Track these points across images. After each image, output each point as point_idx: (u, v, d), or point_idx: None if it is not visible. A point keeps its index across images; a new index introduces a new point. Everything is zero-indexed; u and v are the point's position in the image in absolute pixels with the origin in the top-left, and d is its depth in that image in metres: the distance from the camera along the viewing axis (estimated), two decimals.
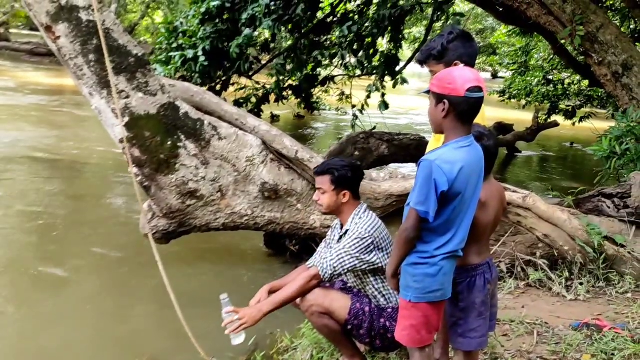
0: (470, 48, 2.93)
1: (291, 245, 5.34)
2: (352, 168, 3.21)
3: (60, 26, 3.86)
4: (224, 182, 4.40)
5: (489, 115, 3.54)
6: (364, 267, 2.98)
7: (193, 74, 7.47)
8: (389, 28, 8.43)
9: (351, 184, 3.17)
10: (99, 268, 5.17)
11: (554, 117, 13.57)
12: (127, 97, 4.04)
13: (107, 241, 5.76)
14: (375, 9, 8.42)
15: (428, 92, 2.38)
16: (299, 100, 10.91)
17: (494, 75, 35.43)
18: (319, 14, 9.28)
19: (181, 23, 7.84)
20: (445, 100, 2.27)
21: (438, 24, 12.16)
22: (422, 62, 3.02)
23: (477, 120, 2.58)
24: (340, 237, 3.13)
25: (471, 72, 2.33)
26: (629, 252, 4.32)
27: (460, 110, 2.27)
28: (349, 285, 3.22)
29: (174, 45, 7.63)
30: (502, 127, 11.94)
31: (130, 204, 6.82)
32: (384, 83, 8.26)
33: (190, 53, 7.40)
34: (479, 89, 2.26)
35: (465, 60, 2.84)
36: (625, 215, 4.71)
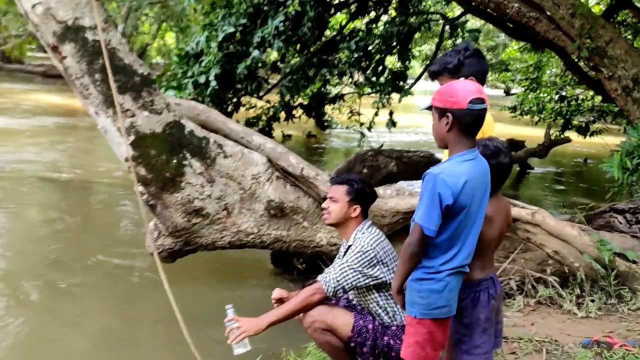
0: (483, 66, 2.96)
1: (298, 264, 5.31)
2: (369, 186, 3.27)
3: (66, 46, 3.91)
4: (230, 200, 4.40)
5: (501, 132, 3.53)
6: (367, 281, 2.95)
7: (205, 98, 7.54)
8: (397, 45, 8.46)
9: (364, 200, 3.18)
10: (106, 288, 5.17)
11: (567, 133, 13.46)
12: (133, 115, 4.07)
13: (115, 260, 5.77)
14: (383, 26, 8.47)
15: (430, 107, 2.36)
16: (310, 118, 10.95)
17: (507, 92, 35.32)
18: (327, 33, 9.35)
19: (192, 49, 7.93)
20: (449, 114, 2.25)
21: (449, 41, 12.20)
22: (435, 74, 3.01)
23: (487, 134, 2.57)
24: (345, 252, 3.11)
25: (472, 84, 2.31)
26: None
27: (463, 123, 2.25)
28: (353, 302, 3.18)
29: (188, 72, 7.72)
30: (514, 144, 11.84)
31: (137, 222, 6.83)
32: (390, 100, 8.28)
33: (202, 78, 7.48)
34: (481, 101, 2.24)
35: (478, 77, 2.84)
36: (637, 231, 4.65)
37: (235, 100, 8.74)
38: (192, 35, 8.77)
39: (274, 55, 9.54)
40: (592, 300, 4.13)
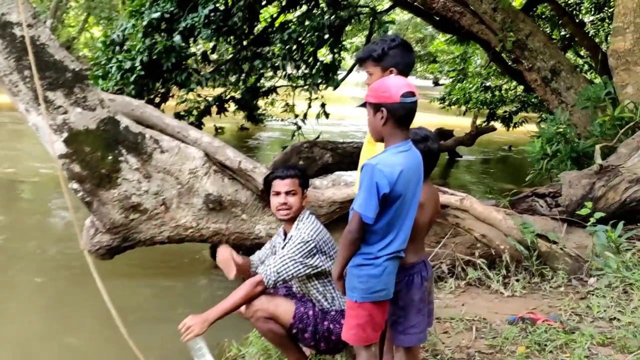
0: (408, 58, 3.05)
1: None
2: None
3: None
4: (168, 195, 4.40)
5: (430, 122, 3.69)
6: (308, 271, 3.04)
7: (129, 85, 7.38)
8: (329, 38, 8.58)
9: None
10: (41, 286, 5.06)
11: (492, 123, 14.03)
12: (65, 112, 4.01)
13: (49, 258, 5.65)
14: (314, 18, 8.56)
15: (364, 104, 2.48)
16: (243, 112, 10.91)
17: (436, 83, 36.11)
18: (260, 25, 9.36)
19: (118, 36, 7.76)
20: (383, 108, 2.37)
21: (377, 34, 12.43)
22: (361, 61, 3.11)
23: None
24: (285, 245, 3.19)
25: (402, 80, 2.45)
26: (561, 249, 4.53)
27: (397, 116, 2.37)
28: (293, 290, 3.28)
29: (112, 59, 7.54)
30: (443, 133, 12.25)
31: (71, 219, 6.69)
32: (320, 91, 8.41)
33: (127, 64, 7.33)
34: (412, 94, 2.38)
35: (400, 69, 2.94)
36: (557, 214, 4.94)
37: (163, 90, 8.57)
38: (118, 25, 8.55)
39: (204, 46, 9.46)
40: (517, 280, 4.39)
